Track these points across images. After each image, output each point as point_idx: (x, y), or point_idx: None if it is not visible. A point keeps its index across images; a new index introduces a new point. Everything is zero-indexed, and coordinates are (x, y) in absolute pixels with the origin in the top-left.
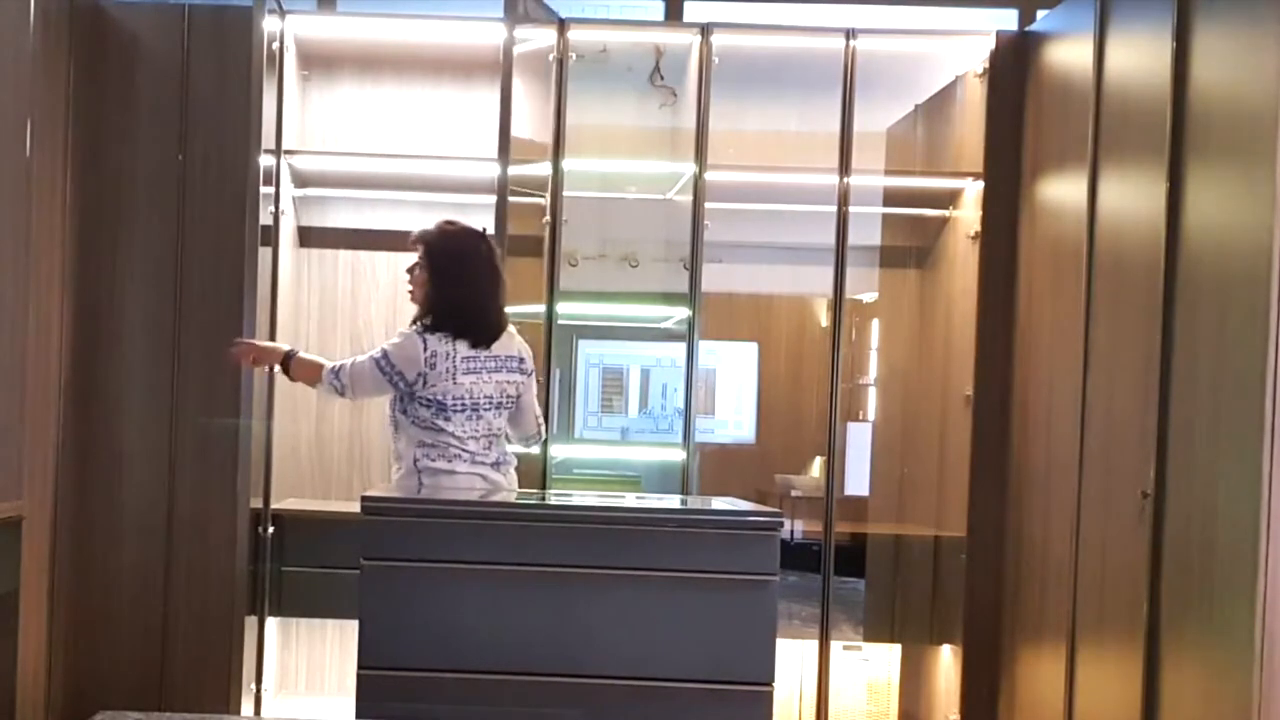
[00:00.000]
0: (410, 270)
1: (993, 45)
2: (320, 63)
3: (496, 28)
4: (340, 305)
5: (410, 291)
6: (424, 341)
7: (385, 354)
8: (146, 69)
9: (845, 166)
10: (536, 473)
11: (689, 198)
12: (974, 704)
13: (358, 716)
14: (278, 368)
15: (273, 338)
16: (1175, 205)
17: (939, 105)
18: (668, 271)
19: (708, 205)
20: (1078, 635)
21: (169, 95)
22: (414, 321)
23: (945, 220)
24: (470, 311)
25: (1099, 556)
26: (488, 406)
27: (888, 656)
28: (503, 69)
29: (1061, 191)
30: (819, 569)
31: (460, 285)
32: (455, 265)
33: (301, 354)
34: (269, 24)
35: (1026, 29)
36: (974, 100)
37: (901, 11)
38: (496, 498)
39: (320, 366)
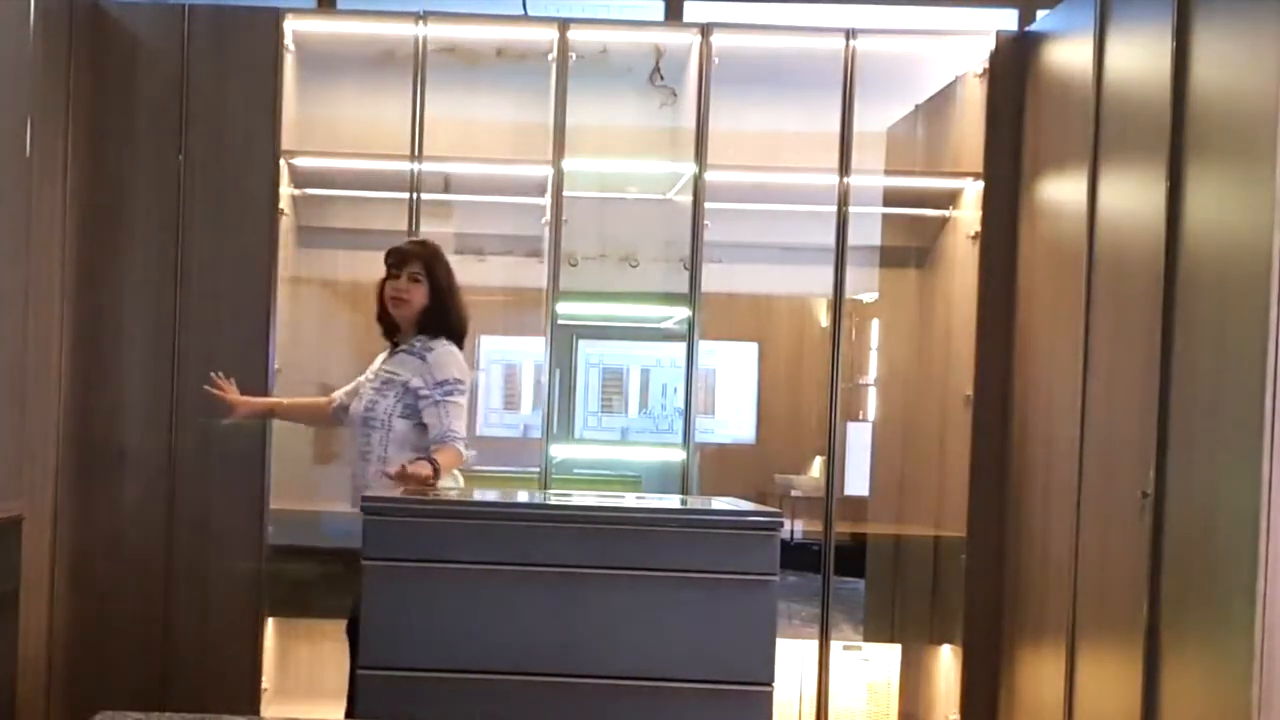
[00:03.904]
0: (396, 285)
1: (993, 45)
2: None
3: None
4: (340, 306)
5: (396, 302)
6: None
7: (456, 380)
8: (146, 69)
9: (845, 166)
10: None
11: (689, 198)
12: (974, 704)
13: (358, 716)
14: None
15: (269, 339)
16: (1175, 205)
17: (939, 105)
18: (668, 271)
19: (708, 205)
20: (1078, 635)
21: (169, 95)
22: (413, 334)
23: (945, 220)
24: (464, 321)
25: (1099, 556)
26: None
27: (888, 656)
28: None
29: (1061, 191)
30: (819, 569)
31: (456, 296)
32: (450, 278)
33: (444, 462)
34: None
35: (1026, 29)
36: (974, 100)
37: (901, 11)
38: (497, 498)
39: (457, 455)
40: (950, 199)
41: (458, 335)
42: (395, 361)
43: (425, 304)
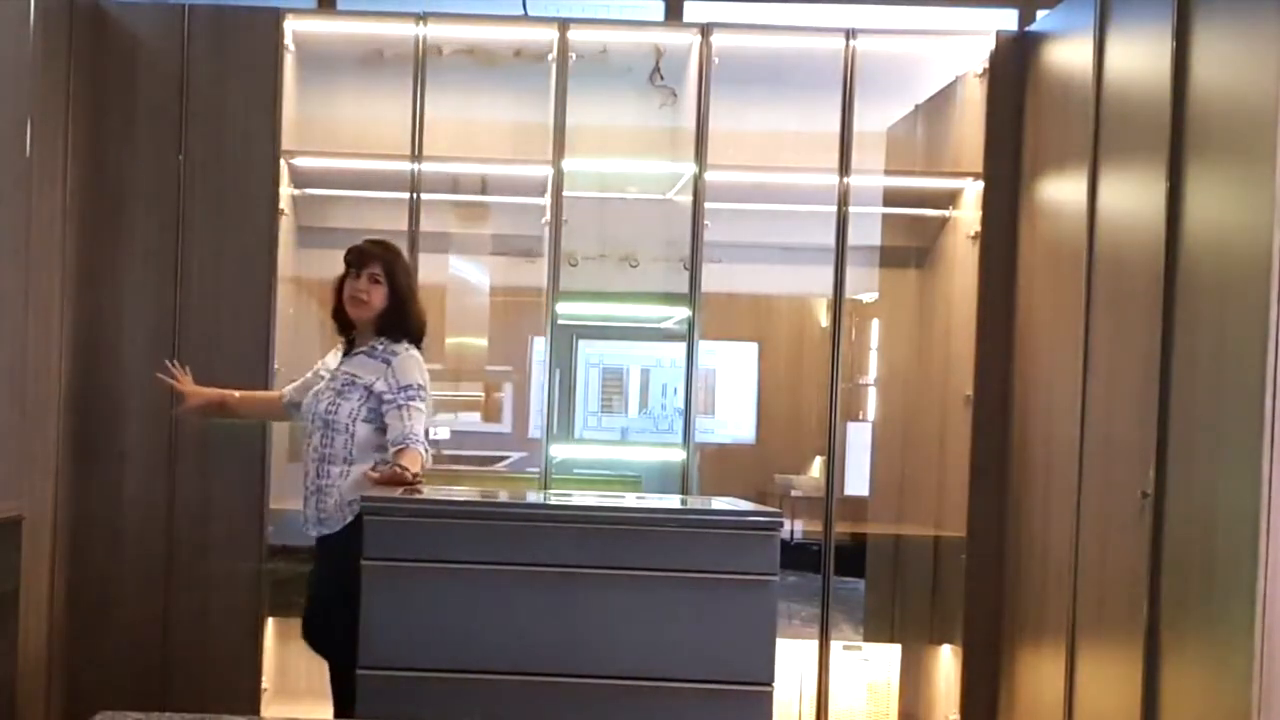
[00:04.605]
0: (356, 285)
1: (993, 45)
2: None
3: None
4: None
5: (354, 302)
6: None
7: (419, 386)
8: (146, 69)
9: (845, 166)
10: (538, 473)
11: (689, 198)
12: (974, 704)
13: (357, 717)
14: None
15: (269, 339)
16: (1175, 205)
17: (939, 105)
18: (668, 271)
19: (708, 205)
20: (1078, 635)
21: (169, 95)
22: (371, 336)
23: (945, 220)
24: (422, 324)
25: (1099, 556)
26: None
27: (888, 656)
28: None
29: (1061, 191)
30: (819, 569)
31: (415, 298)
32: (410, 280)
33: (410, 465)
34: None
35: (1026, 29)
36: (974, 100)
37: (901, 11)
38: (496, 498)
39: (418, 457)
40: (950, 199)
41: (416, 338)
42: (356, 364)
43: (384, 306)
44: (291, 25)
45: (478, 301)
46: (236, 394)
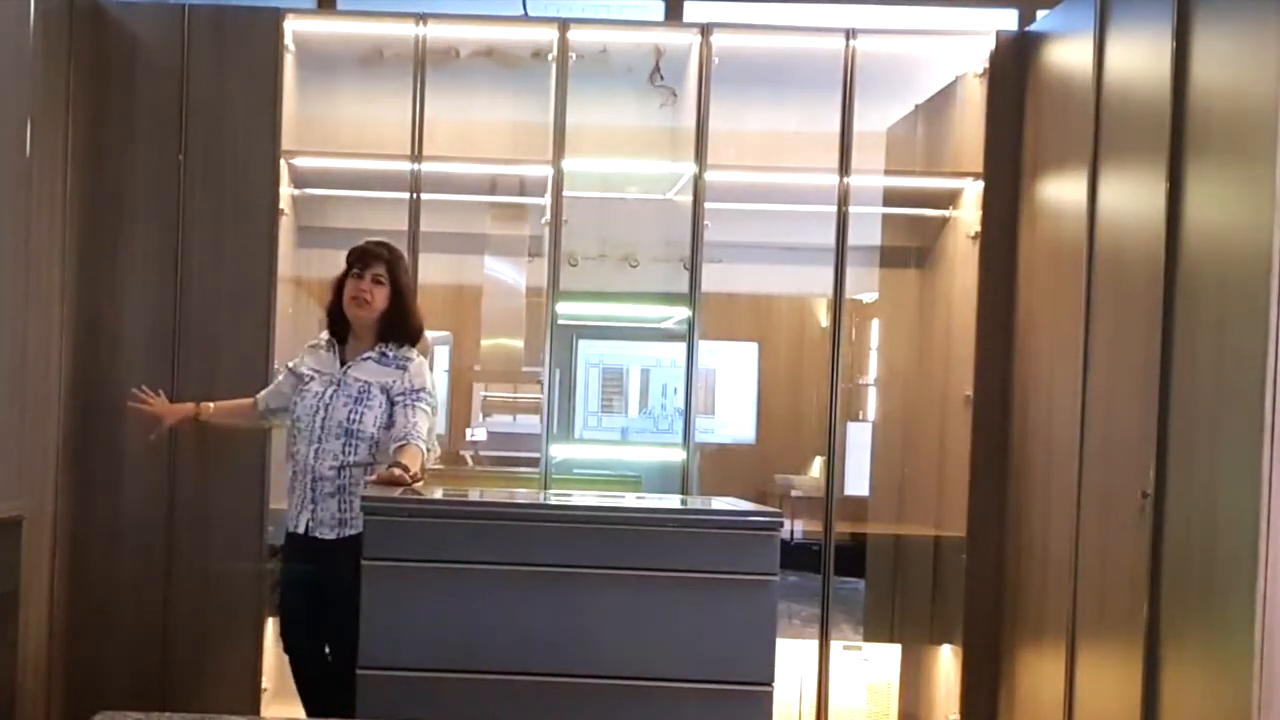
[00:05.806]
0: (359, 286)
1: (993, 45)
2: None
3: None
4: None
5: (358, 303)
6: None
7: (427, 390)
8: (146, 69)
9: (845, 166)
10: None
11: (689, 198)
12: (974, 704)
13: (358, 716)
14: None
15: (269, 339)
16: (1175, 205)
17: (939, 105)
18: (668, 271)
19: (708, 205)
20: (1078, 635)
21: (169, 95)
22: (372, 340)
23: (945, 220)
24: (421, 326)
25: (1099, 556)
26: None
27: (888, 656)
28: None
29: (1061, 191)
30: (819, 569)
31: (414, 300)
32: (410, 281)
33: (410, 463)
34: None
35: (1026, 29)
36: (974, 100)
37: (901, 11)
38: (496, 498)
39: (418, 453)
40: (950, 199)
41: (414, 340)
42: (366, 370)
43: (385, 307)
44: (291, 25)
45: (514, 303)
46: (211, 406)
